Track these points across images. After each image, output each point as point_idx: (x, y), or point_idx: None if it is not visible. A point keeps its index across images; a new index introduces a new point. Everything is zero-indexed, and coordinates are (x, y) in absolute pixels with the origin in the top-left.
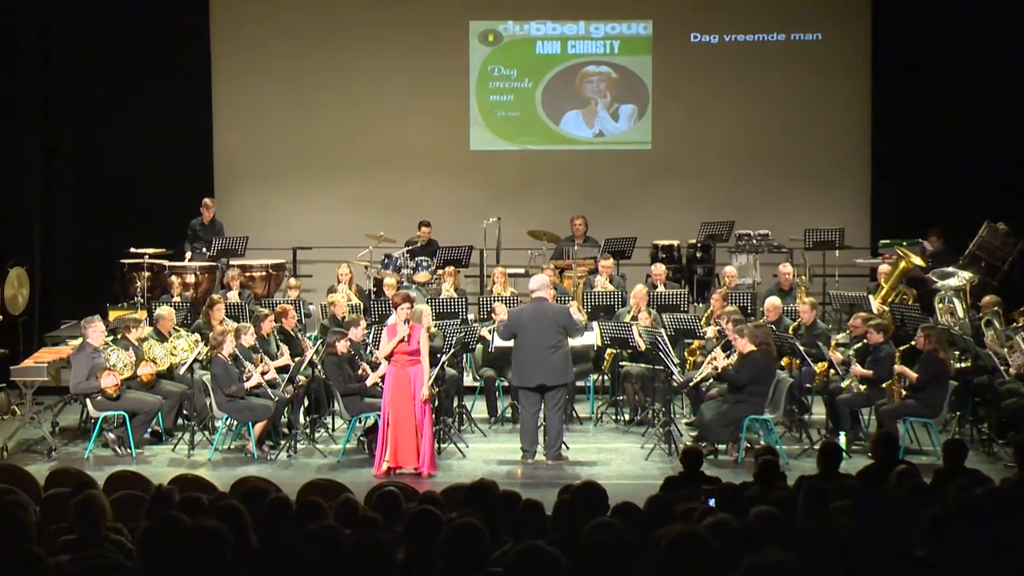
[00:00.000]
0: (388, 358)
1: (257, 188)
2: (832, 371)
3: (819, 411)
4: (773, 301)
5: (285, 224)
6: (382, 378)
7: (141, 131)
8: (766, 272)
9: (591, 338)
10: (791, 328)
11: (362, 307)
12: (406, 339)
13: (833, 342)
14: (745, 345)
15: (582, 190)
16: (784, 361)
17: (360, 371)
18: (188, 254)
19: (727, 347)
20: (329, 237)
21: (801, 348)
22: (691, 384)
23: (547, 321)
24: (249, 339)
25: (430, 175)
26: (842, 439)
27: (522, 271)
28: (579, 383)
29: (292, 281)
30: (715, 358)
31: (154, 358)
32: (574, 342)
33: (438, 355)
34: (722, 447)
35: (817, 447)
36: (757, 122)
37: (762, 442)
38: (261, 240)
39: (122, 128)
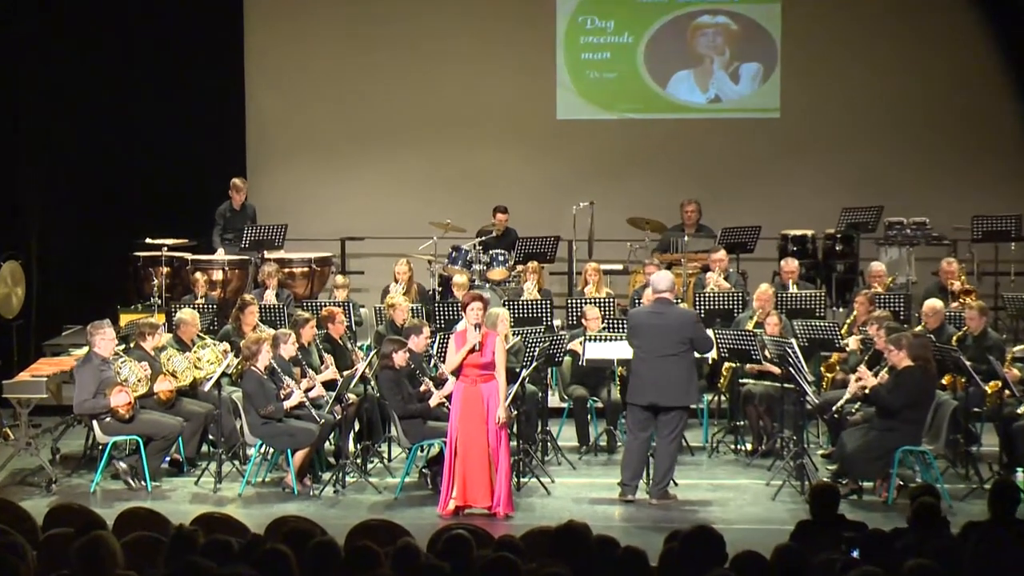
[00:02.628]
0: (456, 373)
1: (298, 166)
2: (1007, 392)
3: (990, 441)
4: (933, 304)
5: (332, 210)
6: (448, 397)
7: (156, 96)
8: (923, 269)
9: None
10: (955, 339)
11: (425, 311)
12: (478, 349)
13: (1008, 356)
14: (899, 359)
15: (694, 168)
16: (946, 379)
17: (422, 388)
18: (216, 246)
19: (874, 361)
20: (385, 226)
21: (968, 364)
22: (830, 408)
23: (668, 328)
24: (289, 349)
25: (507, 151)
26: (1020, 476)
27: (620, 267)
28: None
29: (340, 279)
30: (860, 375)
31: (174, 371)
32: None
33: (517, 370)
34: (868, 485)
35: (988, 486)
36: (913, 84)
37: (919, 479)
38: (303, 229)
39: (133, 93)
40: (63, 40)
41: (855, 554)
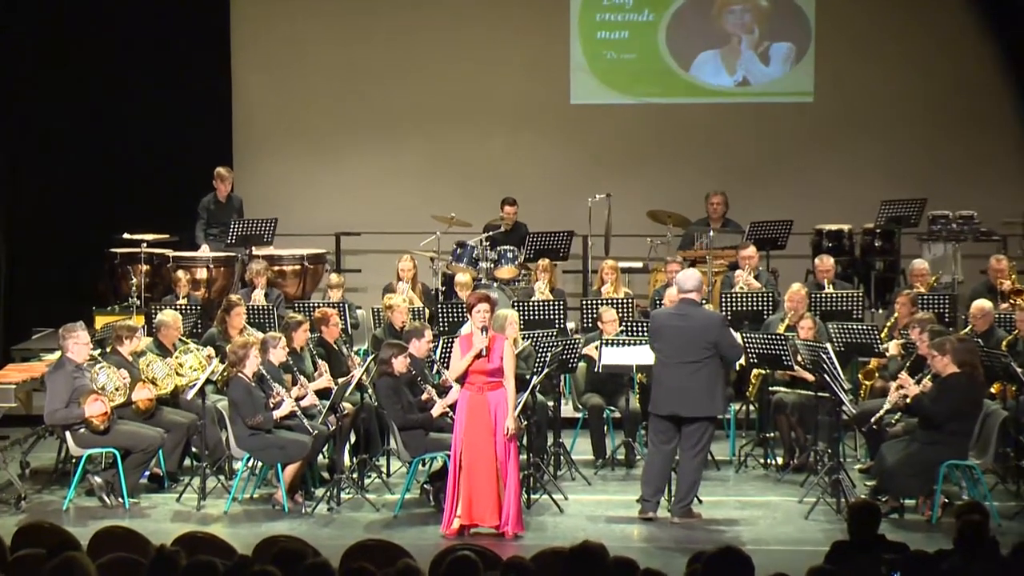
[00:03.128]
0: (461, 380)
1: (289, 155)
2: None
3: None
4: (981, 305)
5: (326, 202)
6: (453, 406)
7: (135, 80)
8: (970, 267)
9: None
10: (1005, 343)
11: (427, 312)
12: (484, 354)
13: None
14: (944, 365)
15: (720, 157)
16: (995, 387)
17: (424, 397)
18: (200, 242)
19: (917, 368)
20: (383, 220)
21: (1019, 370)
22: (869, 419)
23: (692, 331)
24: (279, 354)
25: (517, 138)
26: None
27: (639, 265)
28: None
29: (335, 278)
30: (902, 383)
31: (154, 378)
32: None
33: (527, 376)
34: (910, 502)
35: None
36: (959, 66)
37: (965, 496)
38: (294, 223)
39: (109, 76)
40: (32, 19)
41: None
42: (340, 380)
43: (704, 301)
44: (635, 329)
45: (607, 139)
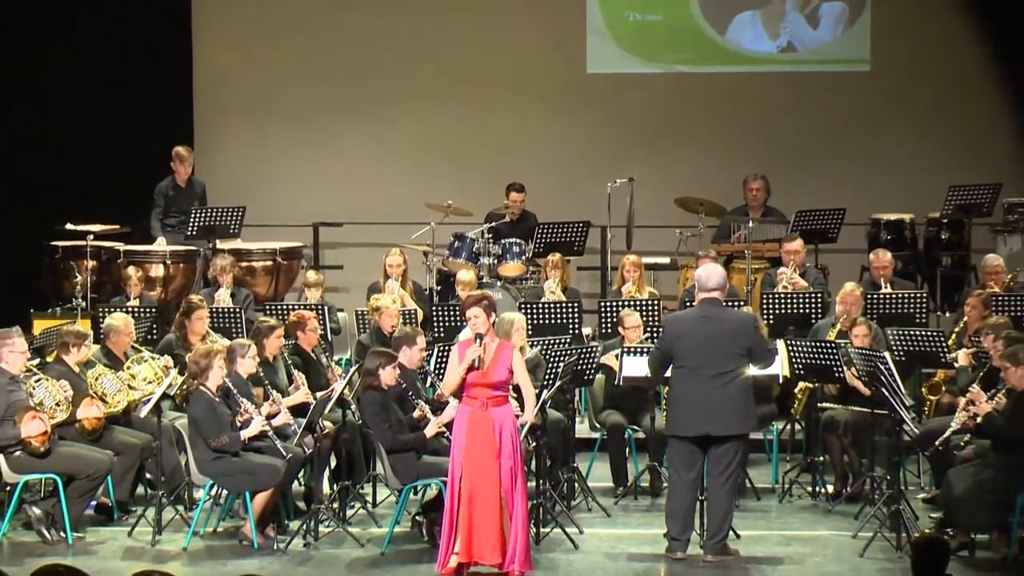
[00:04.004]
0: (459, 395)
1: (259, 133)
2: None
3: None
4: None
5: (302, 188)
6: (450, 425)
7: (80, 50)
8: None
9: (775, 365)
10: None
11: (420, 315)
12: (479, 366)
13: None
14: (1019, 378)
15: (761, 136)
16: None
17: (416, 414)
18: (155, 234)
19: (990, 381)
20: (370, 208)
21: None
22: (934, 440)
23: (721, 336)
24: (248, 364)
25: (524, 114)
26: None
27: (667, 261)
28: (755, 434)
29: (312, 275)
30: (972, 398)
31: (103, 393)
32: (755, 372)
33: (536, 390)
34: (982, 537)
35: None
36: None
37: None
38: (265, 212)
39: (51, 46)
40: None
41: None
42: (319, 395)
43: (742, 303)
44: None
45: (629, 115)
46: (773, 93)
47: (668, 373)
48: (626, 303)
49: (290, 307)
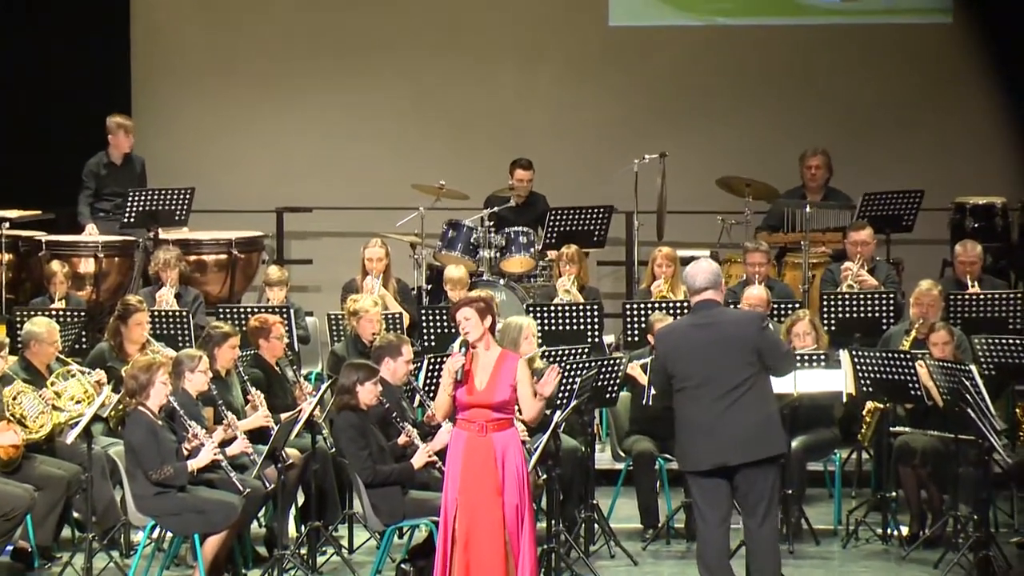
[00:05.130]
0: (454, 417)
1: (213, 99)
2: None
3: None
4: None
5: (263, 166)
6: (442, 454)
7: None
8: None
9: (835, 380)
10: None
11: (406, 320)
12: (460, 378)
13: None
14: None
15: (820, 101)
16: None
17: (402, 440)
18: (85, 220)
19: None
20: (345, 191)
21: None
22: None
23: (722, 344)
24: (197, 380)
25: (532, 77)
26: None
27: (706, 254)
28: (813, 465)
29: (276, 272)
30: None
31: (21, 416)
32: (782, 385)
33: (547, 412)
34: None
35: None
36: None
37: None
38: (219, 195)
39: None
40: None
41: None
42: (283, 417)
43: (797, 304)
44: None
45: (660, 77)
46: (836, 51)
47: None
48: (657, 305)
49: (249, 310)
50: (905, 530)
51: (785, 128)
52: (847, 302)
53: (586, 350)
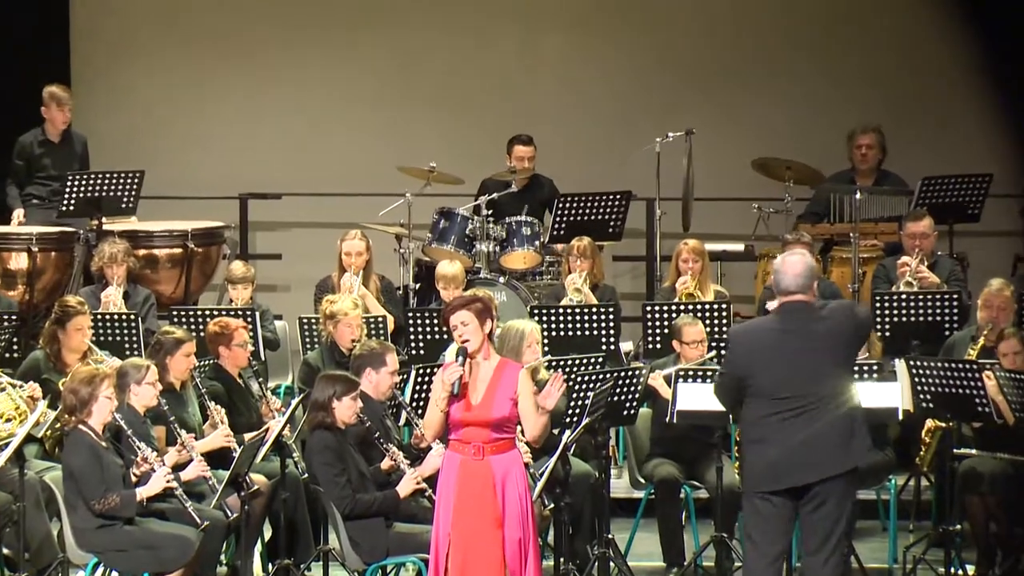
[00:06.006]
0: (445, 438)
1: (164, 69)
2: None
3: None
4: None
5: (224, 146)
6: (432, 480)
7: None
8: None
9: (890, 394)
10: None
11: (391, 324)
12: (456, 392)
13: None
14: None
15: (872, 70)
16: None
17: (386, 465)
18: (14, 205)
19: None
20: (319, 175)
21: None
22: None
23: (814, 352)
24: (146, 394)
25: (536, 41)
26: None
27: (739, 248)
28: (864, 493)
29: (239, 268)
30: None
31: None
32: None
33: (555, 431)
34: None
35: None
36: None
37: None
38: (173, 180)
39: None
40: None
41: None
42: (247, 437)
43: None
44: None
45: (686, 42)
46: (889, 11)
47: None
48: (683, 307)
49: (207, 313)
50: (972, 569)
51: (831, 101)
52: (904, 303)
53: (600, 359)
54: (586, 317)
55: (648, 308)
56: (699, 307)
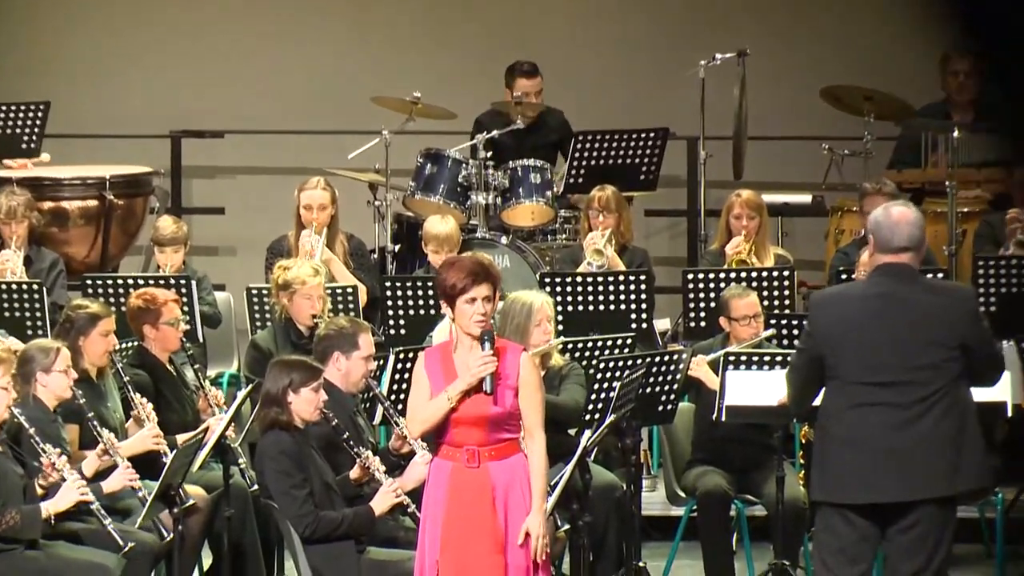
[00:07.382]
0: (433, 441)
1: None
2: None
3: None
4: None
5: (151, 73)
6: (416, 493)
7: None
8: None
9: (997, 386)
10: None
11: (363, 296)
12: (490, 389)
13: None
14: None
15: None
16: None
17: (355, 474)
18: None
19: None
20: (271, 109)
21: None
22: None
23: (916, 328)
24: (55, 385)
25: None
26: None
27: (806, 199)
28: (964, 510)
29: (169, 225)
30: None
31: None
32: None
33: (572, 432)
34: None
35: None
36: None
37: None
38: (88, 114)
39: None
40: None
41: None
42: (181, 438)
43: (940, 274)
44: (796, 333)
45: None
46: None
47: (818, 399)
48: (734, 275)
49: (130, 282)
50: None
51: (916, 19)
52: (1014, 271)
53: (629, 341)
54: (611, 287)
55: (690, 276)
56: (754, 275)
